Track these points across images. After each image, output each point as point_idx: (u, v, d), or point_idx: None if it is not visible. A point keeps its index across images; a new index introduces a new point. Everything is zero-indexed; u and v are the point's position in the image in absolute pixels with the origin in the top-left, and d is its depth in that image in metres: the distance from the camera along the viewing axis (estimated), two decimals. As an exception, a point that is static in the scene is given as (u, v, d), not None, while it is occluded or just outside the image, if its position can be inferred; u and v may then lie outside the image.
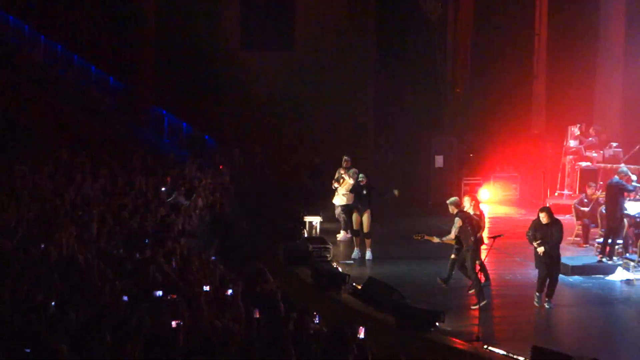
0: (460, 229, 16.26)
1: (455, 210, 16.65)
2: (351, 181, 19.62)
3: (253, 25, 26.34)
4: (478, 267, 15.93)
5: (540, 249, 15.13)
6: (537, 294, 15.47)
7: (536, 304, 15.30)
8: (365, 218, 19.17)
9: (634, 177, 19.24)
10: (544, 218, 15.35)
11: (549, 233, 15.20)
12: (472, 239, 16.23)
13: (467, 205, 17.43)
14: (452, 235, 16.46)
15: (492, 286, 16.57)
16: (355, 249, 19.45)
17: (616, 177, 19.38)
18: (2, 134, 22.62)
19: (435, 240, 16.83)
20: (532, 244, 15.59)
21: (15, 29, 25.93)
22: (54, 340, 9.72)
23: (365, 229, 19.26)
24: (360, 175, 19.36)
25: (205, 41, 25.55)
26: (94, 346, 9.62)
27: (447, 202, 17.29)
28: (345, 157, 20.53)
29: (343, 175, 19.65)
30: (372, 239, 19.30)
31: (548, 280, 15.43)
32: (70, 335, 9.95)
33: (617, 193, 18.78)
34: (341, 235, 20.69)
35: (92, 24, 25.24)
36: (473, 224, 16.46)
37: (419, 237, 17.02)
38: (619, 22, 25.04)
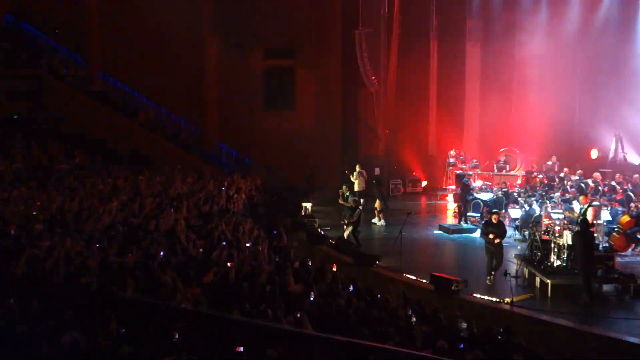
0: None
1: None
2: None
3: (271, 94, 26.20)
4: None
5: (497, 240, 13.06)
6: (488, 277, 13.14)
7: (488, 283, 13.01)
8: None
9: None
10: (494, 219, 13.52)
11: (497, 230, 13.33)
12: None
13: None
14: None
15: (407, 240, 16.15)
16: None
17: (465, 178, 19.42)
18: (134, 160, 22.76)
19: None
20: (485, 238, 13.45)
21: (138, 99, 25.93)
22: (162, 276, 9.76)
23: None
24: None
25: (244, 104, 25.43)
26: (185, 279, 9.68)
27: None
28: (358, 166, 20.57)
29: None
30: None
31: (494, 262, 13.18)
32: (173, 272, 9.99)
33: (464, 187, 18.87)
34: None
35: (184, 97, 25.30)
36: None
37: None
38: (475, 86, 25.17)
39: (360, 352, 6.60)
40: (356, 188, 19.92)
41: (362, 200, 17.71)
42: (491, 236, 13.23)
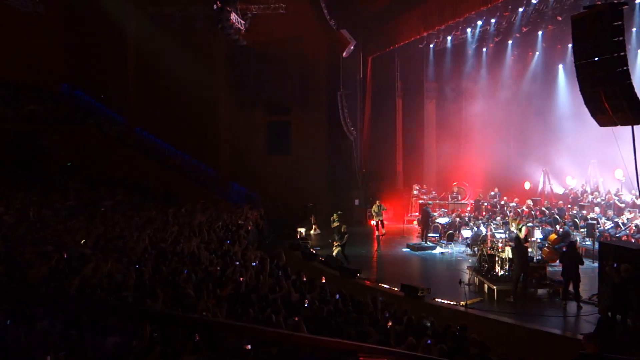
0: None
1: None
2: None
3: (272, 142, 26.19)
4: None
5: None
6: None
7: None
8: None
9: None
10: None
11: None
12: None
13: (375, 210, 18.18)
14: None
15: (381, 256, 16.08)
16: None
17: (427, 207, 19.33)
18: (164, 197, 22.61)
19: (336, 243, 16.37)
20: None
21: (167, 148, 25.94)
22: (185, 289, 9.58)
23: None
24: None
25: (251, 150, 25.48)
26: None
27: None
28: (378, 201, 19.95)
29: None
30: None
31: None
32: (194, 286, 9.81)
33: (425, 213, 18.73)
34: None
35: (203, 145, 25.30)
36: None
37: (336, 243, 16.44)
38: (432, 133, 25.46)
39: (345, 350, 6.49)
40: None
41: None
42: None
